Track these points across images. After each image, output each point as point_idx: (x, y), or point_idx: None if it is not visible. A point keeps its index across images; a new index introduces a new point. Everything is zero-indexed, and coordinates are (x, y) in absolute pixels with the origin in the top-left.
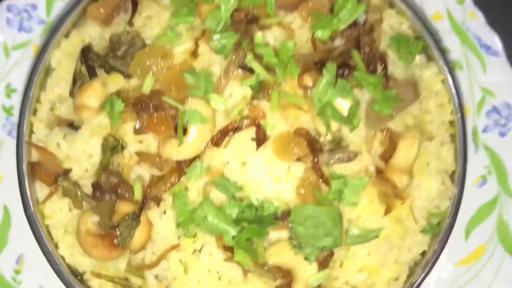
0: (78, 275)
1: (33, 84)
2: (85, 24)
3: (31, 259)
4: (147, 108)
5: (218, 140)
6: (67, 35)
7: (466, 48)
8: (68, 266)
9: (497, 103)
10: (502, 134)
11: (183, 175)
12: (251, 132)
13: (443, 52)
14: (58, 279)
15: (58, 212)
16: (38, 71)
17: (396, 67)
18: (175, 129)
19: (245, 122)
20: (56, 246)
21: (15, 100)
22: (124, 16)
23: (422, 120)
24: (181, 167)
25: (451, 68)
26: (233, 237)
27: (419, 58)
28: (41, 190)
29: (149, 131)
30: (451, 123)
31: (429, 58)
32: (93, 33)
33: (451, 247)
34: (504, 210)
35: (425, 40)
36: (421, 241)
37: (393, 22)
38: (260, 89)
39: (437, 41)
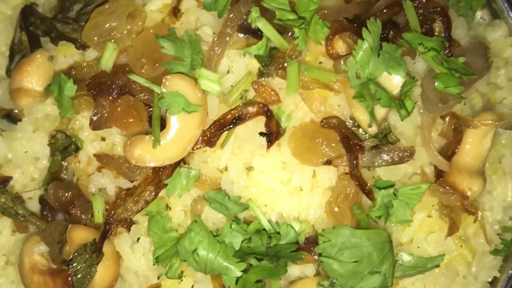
0: None
1: None
2: None
3: None
4: (108, 91)
5: (211, 136)
6: None
7: None
8: None
9: None
10: None
11: (162, 188)
12: (260, 124)
13: None
14: None
15: None
16: None
17: (455, 27)
18: (150, 122)
19: (250, 109)
20: None
21: None
22: None
23: (490, 98)
24: (159, 177)
25: None
26: (237, 278)
27: (480, 15)
28: None
29: (112, 125)
30: None
31: (495, 15)
32: None
33: None
34: None
35: None
36: (490, 265)
37: None
38: (272, 61)
39: None
